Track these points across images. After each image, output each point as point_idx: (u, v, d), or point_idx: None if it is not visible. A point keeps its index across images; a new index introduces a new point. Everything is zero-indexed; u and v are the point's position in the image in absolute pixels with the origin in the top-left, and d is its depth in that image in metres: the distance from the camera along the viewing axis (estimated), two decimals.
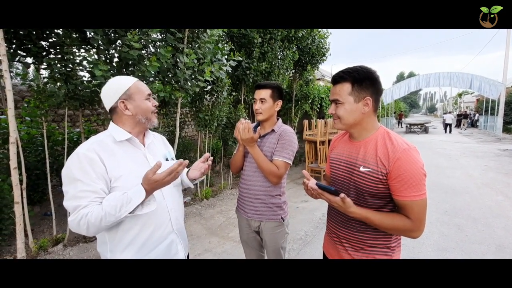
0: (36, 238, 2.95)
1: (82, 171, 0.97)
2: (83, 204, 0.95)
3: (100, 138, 1.08)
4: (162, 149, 1.29)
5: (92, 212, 0.94)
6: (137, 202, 0.98)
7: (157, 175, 0.97)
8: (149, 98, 1.15)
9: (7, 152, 3.15)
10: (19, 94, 4.68)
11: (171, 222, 1.17)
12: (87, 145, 1.03)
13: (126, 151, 1.10)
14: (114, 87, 1.09)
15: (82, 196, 0.96)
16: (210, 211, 4.17)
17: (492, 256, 2.77)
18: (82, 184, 0.96)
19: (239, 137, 1.49)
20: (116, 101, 1.08)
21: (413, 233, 0.97)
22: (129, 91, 1.09)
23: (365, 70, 1.03)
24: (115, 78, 1.14)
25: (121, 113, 1.10)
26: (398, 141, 1.00)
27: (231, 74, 4.91)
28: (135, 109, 1.10)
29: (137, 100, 1.10)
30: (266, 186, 1.56)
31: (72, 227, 0.97)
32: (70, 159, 1.00)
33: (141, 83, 1.15)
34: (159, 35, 3.16)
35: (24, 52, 2.48)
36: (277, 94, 1.60)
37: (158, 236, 1.12)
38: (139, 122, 1.13)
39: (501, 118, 14.26)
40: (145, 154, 1.15)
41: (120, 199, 0.97)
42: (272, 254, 1.63)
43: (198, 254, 2.91)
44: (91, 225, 0.94)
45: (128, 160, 1.08)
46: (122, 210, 0.96)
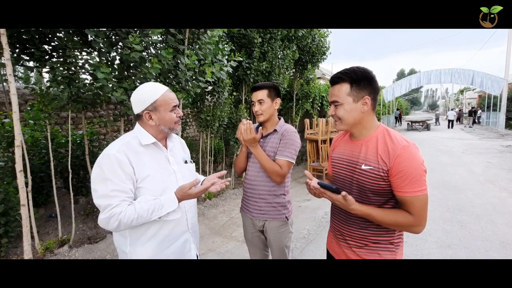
0: (41, 240, 2.99)
1: (113, 171, 1.02)
2: (115, 203, 1.01)
3: (127, 139, 1.13)
4: (181, 152, 1.34)
5: (125, 212, 1.00)
6: (169, 209, 1.08)
7: (192, 190, 1.08)
8: (175, 109, 1.19)
9: (12, 156, 3.19)
10: (22, 97, 4.72)
11: (187, 222, 1.25)
12: (116, 147, 1.07)
13: (151, 154, 1.16)
14: (142, 97, 1.13)
15: (113, 196, 1.01)
16: (213, 211, 4.19)
17: (496, 253, 2.76)
18: (113, 183, 1.02)
19: (241, 138, 1.50)
20: (142, 110, 1.13)
21: (415, 228, 0.99)
22: (156, 103, 1.13)
23: (362, 70, 1.05)
24: (146, 85, 1.16)
25: (146, 121, 1.15)
26: (398, 139, 1.01)
27: (232, 74, 4.92)
28: (159, 120, 1.15)
29: (161, 112, 1.14)
30: (270, 186, 1.57)
31: (101, 224, 1.03)
32: (101, 159, 1.05)
33: (169, 94, 1.18)
34: (160, 37, 3.18)
35: (27, 56, 2.51)
36: (274, 92, 1.59)
37: (175, 234, 1.19)
38: (162, 131, 1.19)
39: (503, 114, 14.20)
40: (168, 156, 1.22)
41: (153, 204, 1.05)
42: (276, 253, 1.64)
43: (202, 253, 2.93)
44: (122, 224, 1.01)
45: (153, 162, 1.14)
46: (153, 214, 1.05)
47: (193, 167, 1.38)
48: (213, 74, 3.55)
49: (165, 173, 1.17)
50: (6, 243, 2.68)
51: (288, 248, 1.66)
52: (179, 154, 1.32)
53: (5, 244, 2.69)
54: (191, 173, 1.35)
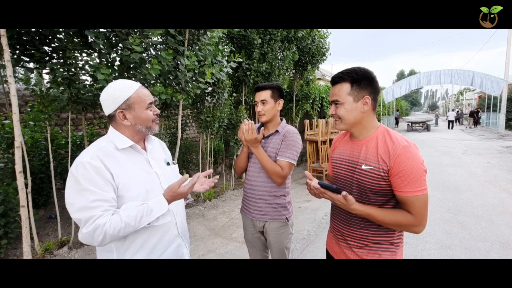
0: (41, 241, 2.98)
1: (90, 180, 0.92)
2: (97, 214, 0.90)
3: (101, 144, 1.02)
4: (162, 154, 1.25)
5: (110, 222, 0.90)
6: (159, 213, 0.99)
7: (182, 187, 1.00)
8: (150, 107, 1.09)
9: (12, 157, 3.19)
10: (22, 98, 4.73)
11: (176, 226, 1.17)
12: (90, 153, 0.97)
13: (129, 157, 1.06)
14: (113, 95, 1.02)
15: (94, 206, 0.91)
16: (213, 212, 4.19)
17: (496, 253, 2.76)
18: (92, 193, 0.91)
19: (242, 138, 1.50)
20: (114, 109, 1.03)
21: (415, 228, 0.99)
22: (129, 100, 1.03)
23: (363, 70, 1.06)
24: (116, 82, 1.05)
25: (120, 122, 1.05)
26: (398, 139, 1.02)
27: (232, 75, 4.93)
28: (134, 119, 1.05)
29: (136, 110, 1.05)
30: (271, 187, 1.57)
31: (84, 239, 0.91)
32: (74, 169, 0.93)
33: (143, 90, 1.08)
34: (160, 38, 3.19)
35: (28, 58, 2.52)
36: (277, 93, 1.60)
37: (166, 240, 1.11)
38: (139, 131, 1.09)
39: (503, 115, 14.19)
40: (148, 159, 1.13)
41: (141, 209, 0.95)
42: (276, 254, 1.64)
43: (201, 255, 2.92)
44: (108, 236, 0.91)
45: (133, 167, 1.05)
46: (142, 220, 0.95)
47: (176, 168, 1.29)
48: (213, 75, 3.56)
49: (147, 177, 1.06)
50: (5, 244, 2.67)
51: (288, 250, 1.66)
52: (160, 156, 1.22)
53: (5, 245, 2.68)
54: (175, 175, 1.25)
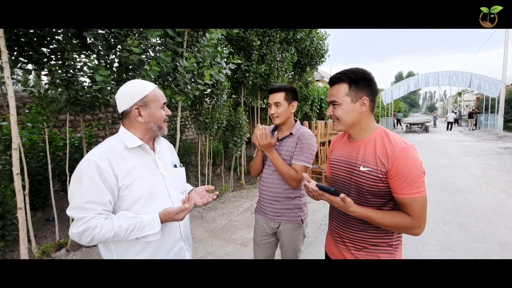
0: (39, 243, 2.96)
1: (91, 180, 0.95)
2: (89, 217, 0.93)
3: (111, 143, 1.05)
4: (169, 156, 1.27)
5: (100, 228, 0.93)
6: (150, 231, 1.01)
7: (179, 214, 1.02)
8: (164, 107, 1.13)
9: (10, 159, 3.17)
10: (21, 100, 4.71)
11: (180, 229, 1.18)
12: (99, 152, 1.00)
13: (137, 157, 1.08)
14: (131, 91, 1.06)
15: (87, 208, 0.94)
16: (212, 213, 4.17)
17: (496, 255, 2.76)
18: (89, 194, 0.94)
19: (257, 143, 1.48)
20: (131, 106, 1.06)
21: (414, 230, 0.98)
22: (146, 98, 1.07)
23: (361, 71, 1.05)
24: (134, 81, 1.11)
25: (134, 119, 1.08)
26: (396, 140, 1.01)
27: (231, 77, 4.94)
28: (149, 117, 1.08)
29: (152, 108, 1.08)
30: (285, 189, 1.57)
31: (72, 237, 0.96)
32: (81, 165, 0.98)
33: (159, 90, 1.12)
34: (159, 40, 3.19)
35: (26, 59, 2.51)
36: (291, 95, 1.58)
37: (168, 243, 1.12)
38: (151, 130, 1.11)
39: (501, 116, 14.27)
40: (156, 160, 1.14)
41: (133, 223, 0.98)
42: (289, 255, 1.62)
43: (200, 257, 2.91)
44: (96, 240, 0.94)
45: (139, 167, 1.07)
46: (132, 234, 0.98)
47: (183, 171, 1.30)
48: (211, 77, 3.56)
49: (153, 178, 1.09)
50: (2, 246, 2.65)
51: (300, 251, 1.65)
52: (168, 157, 1.24)
53: (2, 248, 2.66)
54: (181, 178, 1.27)
